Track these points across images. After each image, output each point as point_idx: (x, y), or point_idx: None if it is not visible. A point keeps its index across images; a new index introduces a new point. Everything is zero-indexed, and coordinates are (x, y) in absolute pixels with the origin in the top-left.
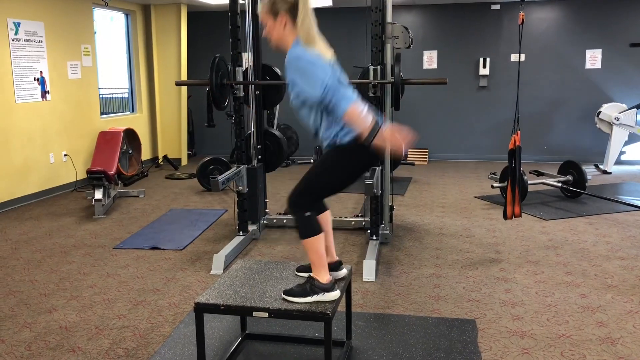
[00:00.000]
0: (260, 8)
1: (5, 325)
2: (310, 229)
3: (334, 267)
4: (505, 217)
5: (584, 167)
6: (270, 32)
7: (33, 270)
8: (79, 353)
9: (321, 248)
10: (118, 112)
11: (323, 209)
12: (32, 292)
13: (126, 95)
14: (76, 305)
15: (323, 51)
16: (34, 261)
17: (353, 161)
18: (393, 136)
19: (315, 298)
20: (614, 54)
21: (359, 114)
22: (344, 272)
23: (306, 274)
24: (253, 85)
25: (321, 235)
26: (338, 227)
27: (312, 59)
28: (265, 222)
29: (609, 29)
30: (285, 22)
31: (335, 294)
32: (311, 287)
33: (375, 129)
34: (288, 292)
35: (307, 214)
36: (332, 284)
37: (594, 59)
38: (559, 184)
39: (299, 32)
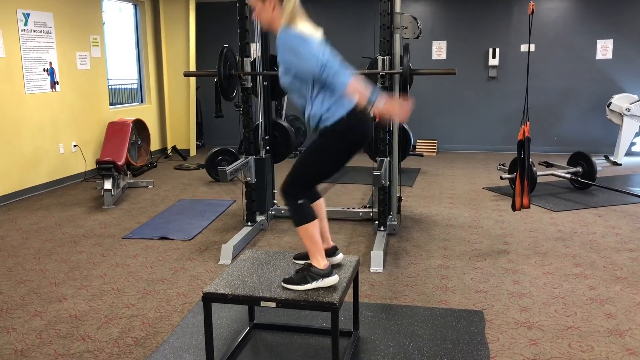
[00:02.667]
0: None
1: (16, 314)
2: (304, 216)
3: (330, 252)
4: (513, 208)
5: (593, 159)
6: (259, 14)
7: (43, 259)
8: (89, 341)
9: (316, 235)
10: (127, 103)
11: (316, 196)
12: (43, 281)
13: (135, 86)
14: (86, 295)
15: (312, 30)
16: (44, 251)
17: (340, 146)
18: (391, 106)
19: (314, 285)
20: (625, 44)
21: (360, 85)
22: (340, 257)
23: (304, 262)
24: (261, 76)
25: (315, 221)
26: (346, 218)
27: (303, 37)
28: (273, 212)
29: (620, 18)
30: (273, 4)
31: (333, 279)
32: (309, 274)
33: (373, 99)
34: (287, 281)
35: (300, 201)
36: (329, 269)
37: (605, 49)
38: (569, 176)
39: (285, 12)
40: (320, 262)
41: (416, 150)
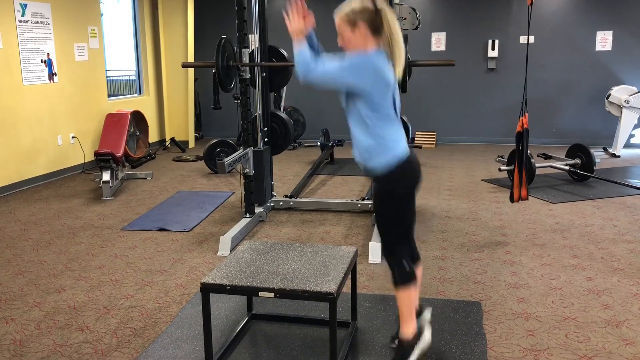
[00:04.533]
0: (336, 15)
1: (15, 305)
2: (404, 277)
3: (418, 312)
4: (512, 200)
5: (592, 151)
6: (348, 42)
7: (42, 250)
8: (87, 332)
9: (413, 299)
10: (125, 95)
11: (416, 258)
12: (41, 272)
13: (133, 77)
14: (84, 286)
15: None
16: (42, 242)
17: (397, 197)
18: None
19: (414, 357)
20: (625, 36)
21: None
22: (428, 316)
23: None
24: (259, 67)
25: (415, 285)
26: (344, 210)
27: (373, 60)
28: (271, 204)
29: (620, 10)
30: (364, 32)
31: (425, 341)
32: (403, 352)
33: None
34: None
35: (404, 261)
36: (415, 334)
37: (604, 40)
38: (567, 167)
39: (384, 46)
40: (410, 327)
41: (415, 142)
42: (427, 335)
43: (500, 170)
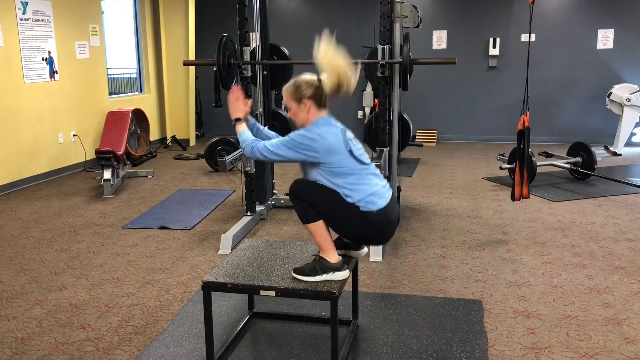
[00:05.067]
0: (284, 90)
1: (16, 303)
2: (312, 212)
3: (354, 245)
4: (513, 198)
5: (593, 149)
6: (295, 115)
7: (43, 249)
8: (89, 330)
9: (324, 230)
10: (126, 93)
11: None
12: (43, 270)
13: (134, 75)
14: (86, 284)
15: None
16: (44, 240)
17: (364, 228)
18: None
19: (324, 277)
20: (626, 34)
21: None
22: (364, 251)
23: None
24: (260, 65)
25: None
26: None
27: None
28: (272, 202)
29: (621, 8)
30: (309, 107)
31: (344, 274)
32: (320, 266)
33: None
34: (297, 271)
35: (305, 202)
36: (341, 263)
37: (605, 39)
38: (568, 166)
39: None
40: (332, 256)
41: (416, 140)
42: (345, 271)
43: (501, 168)
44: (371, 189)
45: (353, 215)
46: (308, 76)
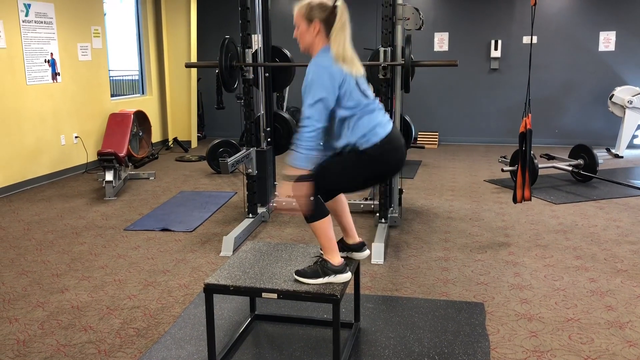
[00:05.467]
0: (295, 9)
1: (18, 305)
2: (316, 211)
3: (357, 247)
4: (515, 200)
5: (595, 151)
6: (302, 35)
7: (45, 250)
8: (91, 332)
9: (329, 231)
10: (128, 95)
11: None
12: (45, 272)
13: (136, 77)
14: (87, 286)
15: (350, 68)
16: (46, 242)
17: (372, 169)
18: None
19: (326, 279)
20: (628, 36)
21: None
22: (366, 253)
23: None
24: (262, 67)
25: (328, 217)
26: None
27: (331, 69)
28: (274, 204)
29: (623, 10)
30: (318, 29)
31: (346, 276)
32: (322, 268)
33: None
34: (299, 273)
35: (312, 198)
36: (343, 265)
37: (607, 41)
38: (570, 168)
39: (331, 45)
40: (335, 258)
41: (417, 142)
42: (348, 273)
43: (503, 170)
44: (375, 121)
45: (360, 160)
46: None
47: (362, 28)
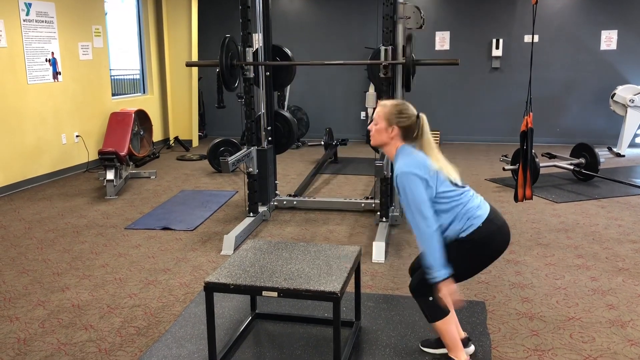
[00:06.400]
0: (379, 105)
1: (19, 303)
2: (438, 311)
3: (462, 343)
4: (516, 199)
5: (597, 150)
6: (378, 132)
7: (46, 249)
8: (91, 331)
9: (452, 329)
10: (129, 94)
11: None
12: (45, 271)
13: (137, 76)
14: (88, 284)
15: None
16: (47, 241)
17: (480, 254)
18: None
19: None
20: (630, 35)
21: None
22: (471, 349)
23: (432, 350)
24: (263, 66)
25: (450, 316)
26: (348, 209)
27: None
28: (275, 203)
29: (625, 9)
30: (396, 134)
31: None
32: None
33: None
34: None
35: (431, 298)
36: None
37: (609, 40)
38: (571, 167)
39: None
40: (461, 356)
41: None
42: None
43: (504, 169)
44: (474, 205)
45: (470, 249)
46: (412, 108)
47: (363, 27)
